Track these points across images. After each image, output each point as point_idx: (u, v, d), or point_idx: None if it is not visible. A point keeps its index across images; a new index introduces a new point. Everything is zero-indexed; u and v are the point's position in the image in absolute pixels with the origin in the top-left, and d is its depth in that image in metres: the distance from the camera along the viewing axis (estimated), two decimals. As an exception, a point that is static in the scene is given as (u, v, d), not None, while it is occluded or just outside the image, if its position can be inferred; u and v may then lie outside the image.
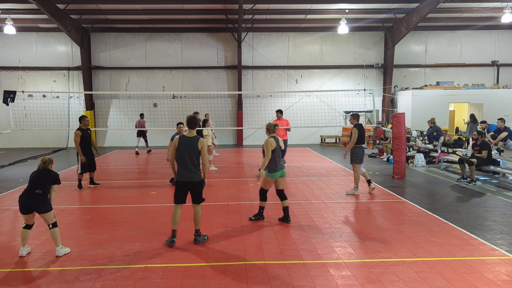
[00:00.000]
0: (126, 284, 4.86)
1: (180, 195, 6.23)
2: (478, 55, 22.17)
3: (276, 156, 7.06)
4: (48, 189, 5.80)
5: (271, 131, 7.29)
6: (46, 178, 5.80)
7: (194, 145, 6.10)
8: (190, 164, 6.11)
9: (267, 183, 7.23)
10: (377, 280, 4.91)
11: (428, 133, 14.78)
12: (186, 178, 6.15)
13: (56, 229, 5.78)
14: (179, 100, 21.09)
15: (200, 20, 20.68)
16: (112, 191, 10.33)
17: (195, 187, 6.20)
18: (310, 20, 20.71)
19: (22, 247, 5.79)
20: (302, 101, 20.88)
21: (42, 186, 5.72)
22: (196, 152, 6.12)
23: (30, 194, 5.68)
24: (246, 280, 4.96)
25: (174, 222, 6.22)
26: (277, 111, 13.32)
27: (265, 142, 7.07)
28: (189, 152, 6.09)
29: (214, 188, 10.47)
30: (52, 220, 5.77)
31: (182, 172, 6.15)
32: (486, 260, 5.53)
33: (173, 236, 6.19)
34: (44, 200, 5.72)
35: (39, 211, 5.69)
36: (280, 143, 7.20)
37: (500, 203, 8.69)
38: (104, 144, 21.81)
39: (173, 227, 6.22)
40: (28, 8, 17.97)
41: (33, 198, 5.67)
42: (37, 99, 20.38)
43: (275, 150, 7.05)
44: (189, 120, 6.24)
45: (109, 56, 21.64)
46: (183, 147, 6.10)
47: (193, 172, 6.16)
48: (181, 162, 6.14)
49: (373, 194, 9.60)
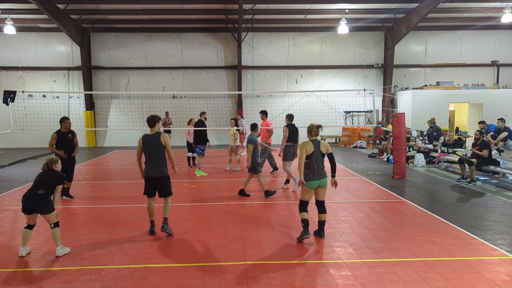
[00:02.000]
0: (126, 284, 4.86)
1: (149, 189, 6.73)
2: (478, 55, 22.18)
3: (313, 162, 6.23)
4: (51, 190, 5.80)
5: (313, 133, 6.47)
6: (50, 179, 5.82)
7: (157, 141, 6.53)
8: (155, 160, 6.56)
9: (305, 194, 6.36)
10: (377, 280, 4.91)
11: (428, 133, 14.78)
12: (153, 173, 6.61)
13: (57, 229, 5.78)
14: (179, 100, 21.10)
15: (200, 20, 20.69)
16: (112, 191, 10.33)
17: (163, 182, 6.65)
18: (310, 20, 20.72)
19: (22, 247, 5.79)
20: (302, 101, 20.88)
21: (45, 187, 5.73)
22: (161, 147, 6.55)
23: (33, 194, 5.69)
24: (246, 280, 4.96)
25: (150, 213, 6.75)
26: (261, 112, 12.54)
27: (300, 145, 6.35)
28: (153, 148, 6.52)
29: (214, 188, 10.47)
30: (53, 221, 5.77)
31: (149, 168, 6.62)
32: (486, 260, 5.53)
33: (152, 226, 6.74)
34: (46, 201, 5.72)
35: (41, 212, 5.69)
36: (322, 148, 6.36)
37: (500, 203, 8.68)
38: (104, 144, 21.83)
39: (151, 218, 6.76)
40: (28, 8, 17.97)
41: (35, 198, 5.67)
42: (37, 99, 20.39)
43: (313, 155, 6.24)
44: (148, 120, 6.70)
45: (109, 56, 21.65)
46: (146, 145, 6.55)
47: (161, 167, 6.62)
48: (148, 159, 6.59)
49: (372, 195, 9.60)
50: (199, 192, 10.01)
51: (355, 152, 18.61)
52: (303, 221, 6.29)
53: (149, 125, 6.67)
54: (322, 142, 6.45)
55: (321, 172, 6.30)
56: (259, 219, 7.51)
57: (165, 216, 6.68)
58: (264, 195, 9.24)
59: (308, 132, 6.51)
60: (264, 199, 9.15)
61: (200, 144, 12.27)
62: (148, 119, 6.71)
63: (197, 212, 8.12)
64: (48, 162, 5.90)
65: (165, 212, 6.69)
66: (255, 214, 7.87)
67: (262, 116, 12.40)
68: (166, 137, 6.58)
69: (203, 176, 12.10)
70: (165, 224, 6.61)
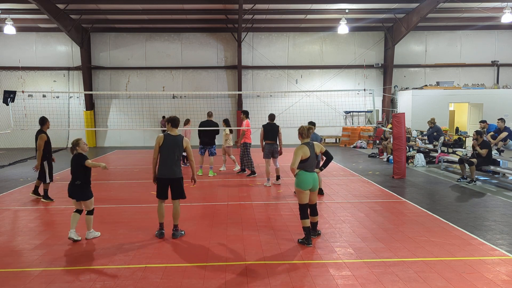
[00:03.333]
0: (126, 284, 4.86)
1: (162, 191, 6.57)
2: (478, 55, 22.18)
3: (308, 164, 6.10)
4: (83, 174, 6.30)
5: (304, 135, 6.26)
6: (77, 163, 6.30)
7: (179, 143, 6.43)
8: (172, 161, 6.42)
9: (301, 196, 6.15)
10: (377, 280, 4.91)
11: (428, 133, 14.78)
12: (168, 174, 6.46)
13: (91, 216, 6.45)
14: (179, 100, 21.10)
15: (200, 20, 20.69)
16: (112, 191, 10.33)
17: (178, 183, 6.53)
18: (310, 20, 20.72)
19: (71, 229, 6.27)
20: (302, 101, 20.88)
21: (78, 176, 6.28)
22: (180, 149, 6.47)
23: (72, 184, 6.34)
24: (246, 280, 4.96)
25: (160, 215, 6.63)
26: (242, 112, 12.38)
27: (296, 149, 6.09)
28: (173, 150, 6.39)
29: (214, 188, 10.47)
30: (89, 208, 6.41)
31: (164, 169, 6.45)
32: (486, 260, 5.53)
33: (161, 229, 6.60)
34: (83, 189, 6.34)
35: (81, 198, 6.35)
36: (316, 149, 6.29)
37: (500, 203, 8.68)
38: (104, 144, 21.83)
39: (160, 220, 6.64)
40: (28, 8, 17.97)
41: (74, 188, 6.33)
42: (37, 99, 20.38)
43: (309, 159, 6.07)
44: (172, 120, 6.53)
45: (109, 56, 21.65)
46: (168, 145, 6.39)
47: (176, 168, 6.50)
48: (164, 159, 6.40)
49: (372, 195, 9.60)
50: (199, 192, 10.01)
51: (355, 152, 18.62)
52: (305, 229, 6.15)
53: (174, 126, 6.50)
54: (315, 143, 6.38)
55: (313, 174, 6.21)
56: (259, 219, 7.51)
57: (175, 223, 6.58)
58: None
59: (300, 134, 6.29)
60: (264, 199, 9.17)
61: (214, 144, 12.28)
62: (173, 119, 6.50)
63: (197, 212, 8.12)
64: (72, 146, 6.41)
65: (176, 219, 6.57)
66: (255, 214, 7.87)
67: (242, 116, 12.31)
68: (188, 142, 6.54)
69: (206, 176, 12.09)
70: (176, 231, 6.52)
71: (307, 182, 6.08)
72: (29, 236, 6.68)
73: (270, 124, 10.53)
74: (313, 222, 6.41)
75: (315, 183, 6.18)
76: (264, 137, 10.52)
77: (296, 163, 5.99)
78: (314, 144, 6.29)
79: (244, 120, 12.16)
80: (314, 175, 6.17)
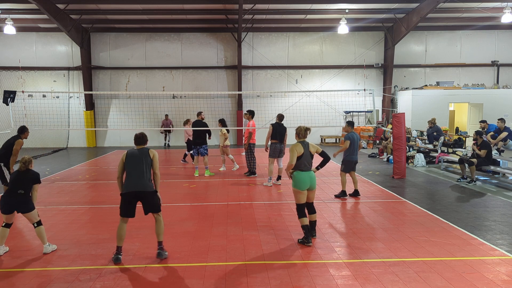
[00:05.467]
0: (126, 284, 4.86)
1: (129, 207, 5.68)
2: (478, 55, 22.17)
3: (303, 162, 6.19)
4: (29, 189, 5.89)
5: (301, 136, 6.40)
6: (26, 178, 5.89)
7: (146, 156, 5.67)
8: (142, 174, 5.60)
9: (299, 196, 6.22)
10: (377, 280, 4.91)
11: (428, 132, 14.79)
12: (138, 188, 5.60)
13: (41, 227, 5.91)
14: (179, 100, 21.10)
15: (200, 20, 20.68)
16: (112, 191, 10.32)
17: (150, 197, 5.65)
18: (310, 20, 20.71)
19: (0, 245, 5.85)
20: (302, 101, 20.87)
21: (24, 186, 5.82)
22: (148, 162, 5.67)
23: (12, 194, 5.79)
24: (246, 280, 4.96)
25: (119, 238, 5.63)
26: (248, 111, 12.18)
27: (291, 147, 6.26)
28: (141, 163, 5.61)
29: (214, 188, 10.47)
30: (36, 219, 5.90)
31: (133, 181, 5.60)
32: (486, 260, 5.53)
33: (118, 253, 5.62)
34: (26, 200, 5.83)
35: (22, 211, 5.80)
36: (311, 149, 6.35)
37: (500, 203, 8.68)
38: (104, 144, 21.82)
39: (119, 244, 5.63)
40: (28, 8, 17.97)
41: (16, 198, 5.78)
42: (37, 99, 20.39)
43: (303, 156, 6.18)
44: (137, 138, 5.89)
45: (109, 56, 21.64)
46: (132, 159, 5.65)
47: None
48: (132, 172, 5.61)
49: (372, 195, 9.60)
50: (199, 192, 10.02)
51: (355, 152, 18.59)
52: (304, 227, 6.18)
53: (137, 144, 5.86)
54: (311, 144, 6.42)
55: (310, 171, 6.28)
56: (259, 219, 7.51)
57: (159, 239, 5.71)
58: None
59: (297, 134, 6.45)
60: (264, 199, 9.17)
61: (204, 144, 12.24)
62: (137, 137, 5.90)
63: (197, 212, 8.12)
64: (26, 162, 5.95)
65: (159, 235, 5.70)
66: (255, 214, 7.87)
67: (248, 116, 12.10)
68: (155, 153, 5.77)
69: (203, 176, 12.10)
70: (161, 250, 5.67)
71: (304, 182, 6.16)
72: (29, 236, 6.68)
73: (279, 124, 10.56)
74: (312, 221, 6.44)
75: (312, 182, 6.25)
76: (272, 137, 10.49)
77: (294, 159, 6.15)
78: (309, 144, 6.37)
79: (250, 120, 12.12)
80: (310, 174, 6.23)
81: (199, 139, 12.17)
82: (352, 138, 9.19)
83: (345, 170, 9.28)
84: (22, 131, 8.86)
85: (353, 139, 9.19)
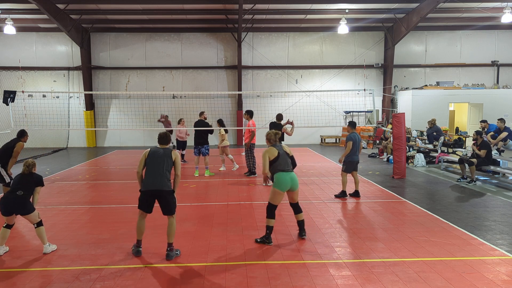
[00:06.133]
0: (126, 284, 4.86)
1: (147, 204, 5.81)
2: (478, 55, 22.17)
3: (282, 162, 6.18)
4: (31, 191, 5.90)
5: (272, 141, 6.40)
6: (29, 181, 5.90)
7: (168, 157, 5.79)
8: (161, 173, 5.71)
9: (275, 196, 6.20)
10: (377, 280, 4.91)
11: (428, 132, 14.79)
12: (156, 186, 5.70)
13: (41, 227, 5.91)
14: (179, 100, 21.09)
15: (200, 20, 20.68)
16: (112, 191, 10.33)
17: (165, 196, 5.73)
18: (310, 20, 20.71)
19: (0, 246, 5.85)
20: (302, 101, 20.87)
21: (24, 188, 5.81)
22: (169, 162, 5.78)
23: (11, 196, 5.78)
24: (246, 280, 4.96)
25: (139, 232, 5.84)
26: (246, 112, 12.15)
27: (263, 153, 6.26)
28: (162, 163, 5.73)
29: (214, 188, 10.47)
30: (36, 220, 5.89)
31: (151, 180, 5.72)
32: (486, 260, 5.53)
33: (139, 246, 5.85)
34: (25, 202, 5.80)
35: (21, 213, 5.77)
36: (285, 149, 6.36)
37: (500, 203, 8.69)
38: (104, 144, 21.82)
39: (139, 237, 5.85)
40: (28, 8, 17.97)
41: (14, 200, 5.75)
42: (37, 99, 20.39)
43: (279, 156, 6.18)
44: (161, 137, 6.08)
45: (109, 56, 21.64)
46: (154, 158, 5.77)
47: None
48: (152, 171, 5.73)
49: (372, 195, 9.60)
50: (199, 192, 10.02)
51: (355, 152, 18.59)
52: (269, 228, 6.19)
53: (160, 143, 6.05)
54: (284, 145, 6.45)
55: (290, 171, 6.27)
56: (259, 219, 7.50)
57: (170, 241, 5.75)
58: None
59: (267, 140, 6.44)
60: (264, 199, 9.16)
61: (206, 144, 12.25)
62: (161, 137, 6.10)
63: (197, 212, 8.12)
64: (30, 165, 5.96)
65: (170, 236, 5.75)
66: (255, 214, 7.87)
67: (247, 117, 12.01)
68: (177, 154, 5.94)
69: (204, 176, 12.10)
70: (170, 251, 5.68)
71: (285, 182, 6.16)
72: (29, 236, 6.68)
73: (275, 124, 10.65)
74: (300, 220, 6.47)
75: (294, 183, 6.24)
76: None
77: (266, 167, 6.18)
78: (282, 145, 6.41)
79: (249, 120, 12.10)
80: (291, 175, 6.24)
81: (200, 139, 12.17)
82: (354, 139, 9.20)
83: (346, 171, 9.28)
84: (22, 135, 8.83)
85: (354, 139, 9.19)
